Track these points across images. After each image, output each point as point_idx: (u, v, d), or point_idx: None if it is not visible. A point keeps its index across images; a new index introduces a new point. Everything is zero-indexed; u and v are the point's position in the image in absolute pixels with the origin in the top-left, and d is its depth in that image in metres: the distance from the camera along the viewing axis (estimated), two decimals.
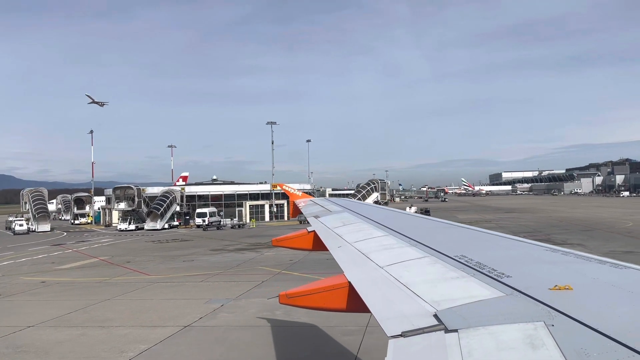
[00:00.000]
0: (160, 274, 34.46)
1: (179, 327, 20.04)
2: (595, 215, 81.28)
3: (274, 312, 21.64)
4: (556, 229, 58.22)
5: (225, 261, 39.97)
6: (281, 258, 39.46)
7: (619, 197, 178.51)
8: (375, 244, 5.68)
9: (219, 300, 24.90)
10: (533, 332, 2.36)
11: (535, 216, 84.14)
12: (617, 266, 3.67)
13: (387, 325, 2.93)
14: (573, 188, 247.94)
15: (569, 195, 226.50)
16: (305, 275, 30.77)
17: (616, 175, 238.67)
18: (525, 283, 3.24)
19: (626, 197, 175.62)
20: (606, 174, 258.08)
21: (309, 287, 4.65)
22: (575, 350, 2.10)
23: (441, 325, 2.69)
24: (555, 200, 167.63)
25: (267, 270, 33.92)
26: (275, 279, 30.42)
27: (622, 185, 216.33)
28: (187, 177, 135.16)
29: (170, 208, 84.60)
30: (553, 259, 4.22)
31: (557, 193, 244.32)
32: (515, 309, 2.79)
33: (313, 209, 11.53)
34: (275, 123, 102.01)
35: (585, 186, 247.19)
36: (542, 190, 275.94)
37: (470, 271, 3.78)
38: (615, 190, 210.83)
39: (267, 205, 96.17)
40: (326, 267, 34.13)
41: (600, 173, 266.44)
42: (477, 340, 2.38)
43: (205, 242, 57.78)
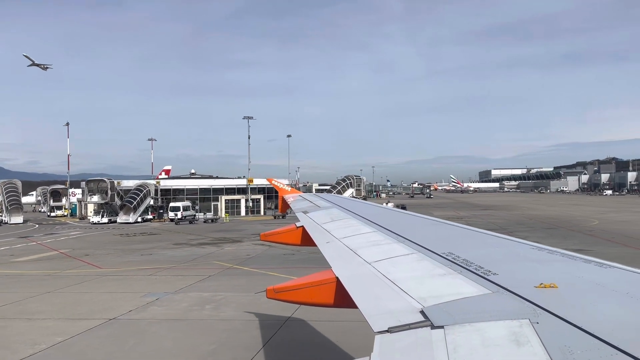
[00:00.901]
0: (113, 268, 34.29)
1: (103, 320, 20.11)
2: (567, 213, 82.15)
3: (204, 306, 21.94)
4: (522, 226, 58.67)
5: (183, 255, 39.84)
6: (239, 253, 39.62)
7: (601, 195, 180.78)
8: (363, 240, 5.70)
9: (157, 294, 24.97)
10: (518, 330, 2.38)
11: (509, 213, 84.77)
12: (602, 265, 3.71)
13: (374, 321, 2.94)
14: (560, 186, 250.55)
15: (555, 193, 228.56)
16: (254, 270, 31.16)
17: (602, 173, 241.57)
18: (511, 281, 3.27)
19: (608, 195, 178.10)
20: (592, 172, 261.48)
21: (296, 282, 4.66)
22: (559, 347, 2.12)
23: (427, 321, 2.71)
24: (538, 198, 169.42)
25: (219, 265, 33.97)
26: (223, 274, 30.56)
27: (607, 183, 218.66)
28: (170, 171, 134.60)
29: (144, 201, 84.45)
30: (539, 257, 4.26)
31: (544, 191, 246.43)
32: (501, 306, 2.81)
33: (302, 204, 11.53)
34: (252, 118, 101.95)
35: (571, 184, 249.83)
36: (530, 188, 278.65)
37: (457, 268, 3.80)
38: (599, 188, 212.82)
39: (243, 200, 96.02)
40: (280, 262, 34.72)
41: (586, 171, 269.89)
42: (462, 337, 2.40)
43: (172, 236, 57.60)
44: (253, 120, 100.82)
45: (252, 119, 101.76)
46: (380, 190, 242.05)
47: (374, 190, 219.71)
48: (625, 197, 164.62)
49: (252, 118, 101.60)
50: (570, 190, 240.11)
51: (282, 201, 14.20)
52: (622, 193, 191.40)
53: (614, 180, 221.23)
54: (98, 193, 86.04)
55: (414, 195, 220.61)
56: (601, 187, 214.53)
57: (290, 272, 29.70)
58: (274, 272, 30.12)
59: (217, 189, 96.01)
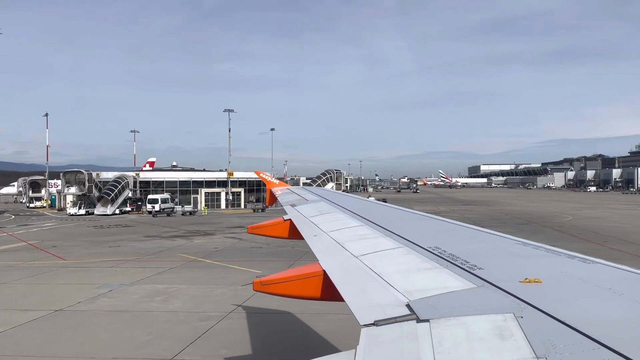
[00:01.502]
0: (77, 259, 34.02)
1: (49, 312, 20.08)
2: (545, 209, 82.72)
3: (154, 298, 22.03)
4: (495, 221, 58.89)
5: (150, 247, 39.63)
6: (207, 246, 39.65)
7: (586, 192, 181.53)
8: (350, 234, 5.71)
9: (111, 285, 24.95)
10: (502, 324, 2.41)
11: (488, 209, 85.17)
12: (585, 261, 3.76)
13: (360, 314, 2.96)
14: (546, 182, 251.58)
15: (542, 189, 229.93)
16: (216, 263, 31.20)
17: (587, 170, 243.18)
18: (496, 275, 3.30)
19: (592, 192, 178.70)
20: (579, 168, 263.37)
21: (283, 274, 4.66)
22: (542, 341, 2.15)
23: (413, 315, 2.73)
24: (523, 193, 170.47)
25: (184, 258, 33.92)
26: (184, 266, 30.57)
27: (592, 180, 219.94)
28: (154, 163, 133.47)
29: (122, 194, 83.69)
30: (524, 252, 4.31)
31: (531, 187, 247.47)
32: (486, 300, 2.84)
33: (290, 198, 11.53)
34: (233, 110, 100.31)
35: (557, 180, 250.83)
36: (517, 184, 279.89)
37: (443, 262, 3.83)
38: (584, 185, 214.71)
39: (223, 193, 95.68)
40: (246, 255, 34.72)
41: (573, 168, 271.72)
42: (448, 330, 2.42)
43: (145, 228, 57.24)
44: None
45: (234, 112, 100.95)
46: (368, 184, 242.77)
47: (361, 184, 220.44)
48: (608, 193, 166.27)
49: (233, 111, 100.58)
50: (557, 186, 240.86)
51: (270, 194, 14.18)
52: (606, 190, 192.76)
53: (599, 177, 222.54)
54: (76, 185, 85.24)
55: (400, 189, 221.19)
56: (586, 183, 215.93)
57: (252, 264, 29.91)
58: (236, 265, 30.16)
59: (197, 181, 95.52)
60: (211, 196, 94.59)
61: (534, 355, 2.04)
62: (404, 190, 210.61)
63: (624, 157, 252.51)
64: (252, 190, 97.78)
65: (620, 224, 54.29)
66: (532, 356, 2.03)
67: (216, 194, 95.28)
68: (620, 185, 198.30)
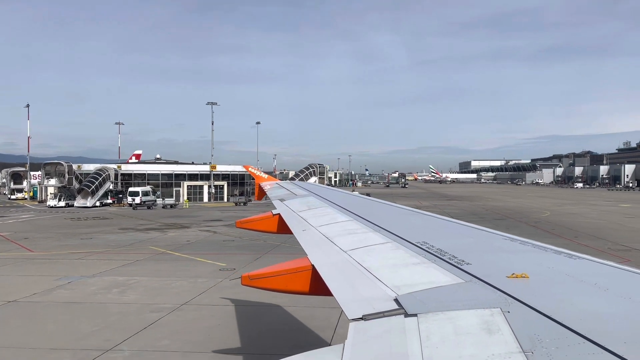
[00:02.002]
0: (45, 251, 33.82)
1: (2, 302, 20.09)
2: (526, 205, 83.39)
3: (112, 290, 22.09)
4: (474, 216, 59.14)
5: (123, 240, 39.57)
6: (179, 239, 39.68)
7: (572, 188, 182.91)
8: (339, 229, 5.72)
9: (72, 277, 24.90)
10: (490, 318, 2.42)
11: (470, 204, 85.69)
12: (572, 256, 3.80)
13: (349, 308, 2.96)
14: (535, 178, 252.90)
15: (530, 185, 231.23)
16: (184, 256, 31.18)
17: (575, 167, 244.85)
18: (484, 270, 3.32)
19: (579, 188, 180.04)
20: (567, 165, 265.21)
21: (272, 269, 4.65)
22: (529, 336, 2.16)
23: (401, 309, 2.73)
24: (510, 189, 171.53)
25: (153, 250, 33.90)
26: (151, 259, 30.55)
27: (580, 177, 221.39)
28: (141, 155, 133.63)
29: (103, 186, 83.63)
30: (511, 248, 4.34)
31: (521, 183, 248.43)
32: (474, 295, 2.86)
33: (279, 192, 11.51)
34: (216, 104, 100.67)
35: (546, 177, 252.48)
36: (506, 180, 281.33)
37: (431, 257, 3.85)
38: (572, 181, 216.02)
39: (206, 187, 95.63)
40: (217, 248, 34.82)
41: (562, 164, 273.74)
42: (435, 325, 2.43)
43: (123, 220, 57.13)
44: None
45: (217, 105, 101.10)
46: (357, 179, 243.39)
47: (351, 179, 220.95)
48: (594, 190, 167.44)
49: (216, 104, 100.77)
50: (545, 182, 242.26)
51: (259, 189, 14.14)
52: (592, 186, 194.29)
53: (587, 174, 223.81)
54: (56, 176, 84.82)
55: (389, 184, 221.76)
56: (573, 180, 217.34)
57: (219, 257, 30.04)
58: (203, 257, 30.19)
59: (179, 174, 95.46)
60: (194, 189, 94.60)
61: (521, 349, 2.05)
62: (392, 185, 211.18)
63: (612, 154, 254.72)
64: (235, 184, 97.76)
65: (596, 220, 54.75)
66: (518, 350, 2.05)
67: (199, 187, 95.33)
68: (607, 182, 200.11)
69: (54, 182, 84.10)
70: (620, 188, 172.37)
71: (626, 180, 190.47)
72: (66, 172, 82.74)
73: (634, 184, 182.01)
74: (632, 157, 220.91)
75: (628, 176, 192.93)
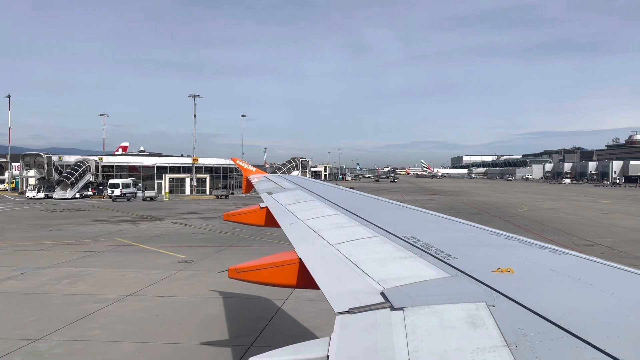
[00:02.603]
0: (10, 242, 33.43)
1: None
2: (507, 200, 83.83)
3: (62, 281, 22.00)
4: (451, 211, 58.54)
5: (92, 231, 39.27)
6: (149, 231, 39.55)
7: (560, 184, 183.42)
8: (327, 222, 5.72)
9: (27, 268, 24.71)
10: (475, 312, 2.44)
11: (452, 199, 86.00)
12: (556, 252, 3.85)
13: (335, 302, 2.97)
14: (525, 174, 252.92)
15: (520, 180, 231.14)
16: (149, 248, 31.10)
17: (565, 162, 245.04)
18: (469, 265, 3.35)
19: (566, 184, 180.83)
20: (557, 161, 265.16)
21: (259, 262, 4.64)
22: (513, 330, 2.19)
23: (387, 303, 2.75)
24: (498, 184, 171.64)
25: (120, 242, 33.74)
26: (115, 250, 30.39)
27: (568, 172, 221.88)
28: (127, 147, 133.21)
29: (83, 177, 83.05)
30: (497, 242, 4.37)
31: (511, 178, 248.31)
32: (459, 289, 2.88)
33: (266, 185, 11.50)
34: (198, 96, 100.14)
35: (536, 172, 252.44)
36: (497, 175, 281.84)
37: (417, 252, 3.87)
38: (561, 177, 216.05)
39: (188, 179, 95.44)
40: (183, 240, 34.76)
41: (552, 160, 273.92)
42: (421, 319, 2.45)
43: (98, 212, 56.70)
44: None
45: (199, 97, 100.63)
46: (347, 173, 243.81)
47: (340, 173, 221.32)
48: (582, 186, 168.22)
49: (198, 96, 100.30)
50: (535, 178, 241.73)
51: (247, 182, 14.11)
52: (580, 182, 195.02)
53: (575, 170, 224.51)
54: (35, 168, 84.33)
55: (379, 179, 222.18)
56: (562, 175, 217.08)
57: (182, 250, 30.05)
58: (167, 250, 30.06)
59: (161, 167, 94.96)
60: (176, 182, 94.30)
61: (505, 343, 2.07)
62: (382, 180, 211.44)
63: (601, 150, 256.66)
64: (218, 177, 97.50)
65: (570, 216, 54.88)
66: (503, 344, 2.07)
67: (181, 179, 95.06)
68: (595, 178, 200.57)
69: (33, 173, 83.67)
70: (608, 184, 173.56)
71: (613, 176, 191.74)
72: (45, 164, 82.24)
73: (621, 180, 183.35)
74: (621, 153, 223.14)
75: (616, 172, 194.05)
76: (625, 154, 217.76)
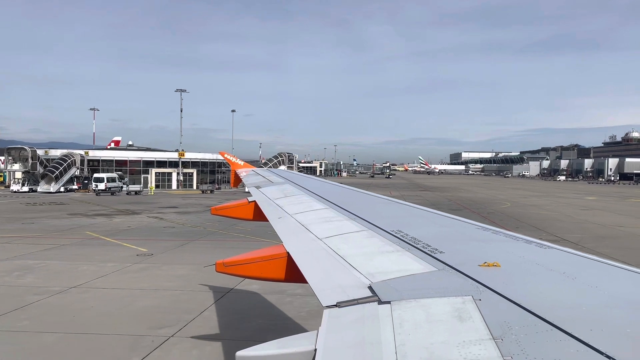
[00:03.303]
0: None
1: None
2: (494, 196, 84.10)
3: (12, 273, 21.93)
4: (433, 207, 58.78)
5: (63, 225, 39.06)
6: (121, 225, 39.45)
7: (555, 181, 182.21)
8: (315, 216, 5.73)
9: None
10: (461, 306, 2.46)
11: (437, 195, 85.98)
12: (542, 246, 3.88)
13: (323, 296, 2.98)
14: (521, 170, 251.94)
15: (517, 177, 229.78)
16: (114, 241, 30.99)
17: (562, 160, 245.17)
18: (456, 259, 3.37)
19: (561, 181, 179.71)
20: (554, 158, 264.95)
21: (247, 256, 4.64)
22: (499, 323, 2.21)
23: (375, 296, 2.76)
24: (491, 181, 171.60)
25: (87, 235, 33.62)
26: (80, 244, 30.20)
27: (564, 170, 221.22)
28: (120, 142, 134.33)
29: (68, 171, 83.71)
30: (484, 237, 4.41)
31: (508, 175, 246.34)
32: (446, 283, 2.90)
33: (254, 179, 11.47)
34: (185, 91, 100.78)
35: (533, 169, 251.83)
36: (494, 172, 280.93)
37: (405, 246, 3.88)
38: (556, 174, 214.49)
39: (174, 174, 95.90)
40: (152, 234, 34.66)
41: (549, 157, 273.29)
42: (408, 312, 2.46)
43: (77, 206, 56.47)
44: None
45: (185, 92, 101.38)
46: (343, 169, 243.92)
47: (336, 169, 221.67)
48: (576, 183, 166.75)
49: (185, 91, 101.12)
50: (532, 175, 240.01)
51: (235, 175, 14.06)
52: (574, 179, 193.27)
53: (572, 167, 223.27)
54: (20, 161, 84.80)
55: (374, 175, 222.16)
56: (558, 172, 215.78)
57: (145, 243, 29.98)
58: (131, 243, 30.02)
59: (147, 161, 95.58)
60: (162, 176, 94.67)
61: (491, 336, 2.09)
62: (377, 176, 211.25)
63: (598, 148, 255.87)
64: (205, 171, 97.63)
65: (548, 212, 54.90)
66: (489, 337, 2.09)
67: (167, 174, 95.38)
68: (591, 175, 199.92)
69: (17, 167, 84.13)
70: (603, 181, 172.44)
71: (609, 173, 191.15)
72: (29, 157, 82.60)
73: (616, 178, 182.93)
74: (617, 150, 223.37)
75: (611, 170, 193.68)
76: (622, 151, 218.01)
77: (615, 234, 37.37)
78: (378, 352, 2.14)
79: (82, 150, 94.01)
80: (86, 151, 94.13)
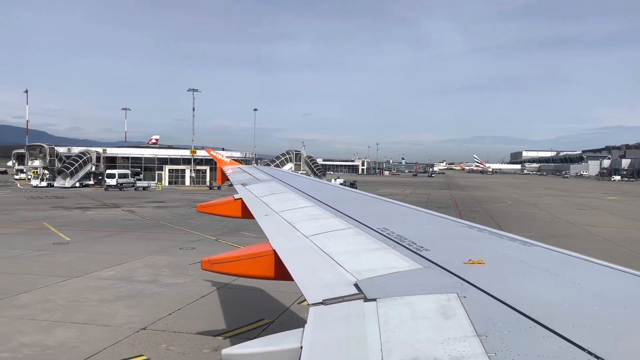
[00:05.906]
0: None
1: None
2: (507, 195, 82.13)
3: None
4: (434, 204, 58.32)
5: (30, 216, 39.44)
6: (85, 217, 39.75)
7: (608, 181, 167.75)
8: (301, 214, 5.72)
9: None
10: (446, 303, 2.48)
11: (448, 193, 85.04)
12: (526, 244, 3.92)
13: (309, 293, 2.98)
14: (579, 170, 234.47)
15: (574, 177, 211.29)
16: (56, 231, 31.17)
17: (623, 159, 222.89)
18: (441, 257, 3.39)
19: (615, 181, 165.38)
20: (617, 157, 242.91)
21: (233, 254, 4.62)
22: (484, 320, 2.23)
23: (361, 294, 2.77)
24: (537, 181, 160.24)
25: (39, 226, 34.03)
26: (19, 233, 30.53)
27: (625, 169, 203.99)
28: (158, 140, 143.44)
29: (84, 168, 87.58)
30: (469, 235, 4.44)
31: (567, 175, 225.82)
32: (431, 280, 2.92)
33: (241, 177, 11.43)
34: (197, 90, 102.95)
35: (592, 169, 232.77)
36: (550, 171, 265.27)
37: (391, 243, 3.90)
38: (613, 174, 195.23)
39: (187, 171, 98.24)
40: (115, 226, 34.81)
41: (611, 156, 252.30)
42: (394, 309, 2.48)
43: (76, 199, 57.18)
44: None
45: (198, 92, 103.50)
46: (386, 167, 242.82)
47: (378, 168, 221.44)
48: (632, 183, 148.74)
49: (197, 90, 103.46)
50: (590, 174, 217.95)
51: (221, 172, 14.01)
52: (630, 179, 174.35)
53: (633, 166, 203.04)
54: (40, 158, 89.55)
55: (417, 174, 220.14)
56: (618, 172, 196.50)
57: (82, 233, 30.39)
58: (66, 234, 30.20)
59: (161, 158, 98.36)
60: (175, 173, 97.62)
61: (476, 333, 2.11)
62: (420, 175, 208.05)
63: None
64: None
65: (542, 212, 53.35)
66: (473, 334, 2.11)
67: (180, 171, 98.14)
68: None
69: (37, 163, 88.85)
70: None
71: None
72: (47, 154, 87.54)
73: None
74: None
75: None
76: None
77: (574, 233, 36.58)
78: (364, 349, 2.15)
79: (100, 148, 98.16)
80: (104, 149, 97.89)
